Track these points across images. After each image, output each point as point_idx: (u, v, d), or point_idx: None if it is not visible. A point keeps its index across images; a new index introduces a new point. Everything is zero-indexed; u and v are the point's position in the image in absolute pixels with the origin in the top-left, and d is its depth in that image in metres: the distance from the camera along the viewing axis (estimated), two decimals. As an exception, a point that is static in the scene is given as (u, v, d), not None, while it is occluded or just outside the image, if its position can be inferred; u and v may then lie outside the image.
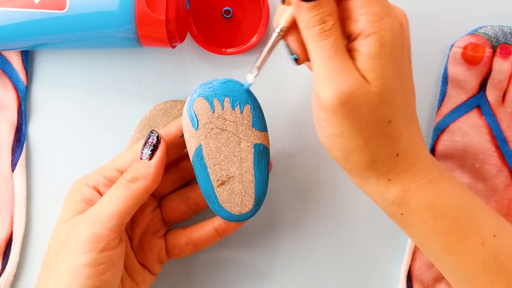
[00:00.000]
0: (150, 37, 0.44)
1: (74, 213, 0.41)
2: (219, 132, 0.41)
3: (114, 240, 0.39)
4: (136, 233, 0.44)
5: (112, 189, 0.40)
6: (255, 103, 0.41)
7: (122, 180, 0.40)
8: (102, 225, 0.39)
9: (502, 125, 0.47)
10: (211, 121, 0.40)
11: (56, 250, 0.40)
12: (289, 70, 0.49)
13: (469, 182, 0.48)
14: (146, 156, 0.40)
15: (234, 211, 0.41)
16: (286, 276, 0.50)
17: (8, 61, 0.49)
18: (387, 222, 0.49)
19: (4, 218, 0.49)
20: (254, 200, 0.41)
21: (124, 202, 0.39)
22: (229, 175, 0.41)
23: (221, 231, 0.45)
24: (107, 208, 0.39)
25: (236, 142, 0.41)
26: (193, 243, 0.45)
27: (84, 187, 0.42)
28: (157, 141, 0.41)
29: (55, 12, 0.43)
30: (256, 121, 0.41)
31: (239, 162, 0.41)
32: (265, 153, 0.41)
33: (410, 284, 0.48)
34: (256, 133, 0.41)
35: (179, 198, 0.45)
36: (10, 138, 0.49)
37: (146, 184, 0.40)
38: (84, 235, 0.39)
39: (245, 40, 0.48)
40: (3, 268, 0.49)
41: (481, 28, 0.47)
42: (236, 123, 0.41)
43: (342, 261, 0.50)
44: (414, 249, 0.48)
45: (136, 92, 0.49)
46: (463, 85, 0.47)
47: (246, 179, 0.41)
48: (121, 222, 0.39)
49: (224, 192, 0.41)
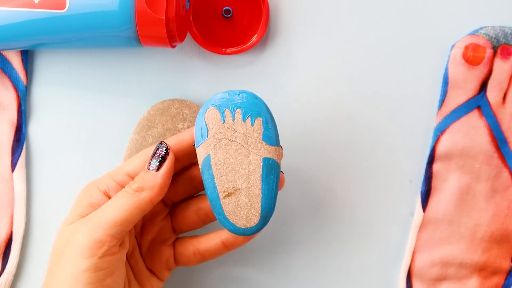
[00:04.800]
0: (150, 37, 0.44)
1: (78, 216, 0.41)
2: (228, 143, 0.40)
3: (114, 246, 0.39)
4: (145, 240, 0.44)
5: (117, 196, 0.40)
6: (268, 116, 0.40)
7: (128, 188, 0.40)
8: (103, 231, 0.39)
9: (502, 126, 0.47)
10: (221, 132, 0.40)
11: (58, 254, 0.40)
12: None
13: (469, 183, 0.47)
14: (153, 167, 0.40)
15: (239, 224, 0.41)
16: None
17: (8, 61, 0.49)
18: (388, 222, 0.49)
19: (4, 218, 0.49)
20: (260, 215, 0.40)
21: (128, 211, 0.39)
22: (236, 187, 0.40)
23: (229, 245, 0.44)
24: (110, 215, 0.39)
25: (244, 155, 0.40)
26: (200, 254, 0.44)
27: (95, 191, 0.42)
28: (165, 153, 0.41)
29: (55, 12, 0.43)
30: (267, 134, 0.40)
31: (246, 174, 0.40)
32: (275, 168, 0.40)
33: (409, 284, 0.48)
34: (266, 147, 0.40)
35: (190, 208, 0.45)
36: (10, 138, 0.49)
37: (151, 195, 0.40)
38: (85, 240, 0.39)
39: (245, 40, 0.48)
40: (3, 268, 0.49)
41: (482, 29, 0.47)
42: (246, 135, 0.40)
43: (342, 260, 0.50)
44: (414, 249, 0.48)
45: (136, 92, 0.49)
46: (464, 85, 0.47)
47: (253, 193, 0.40)
48: (123, 230, 0.39)
49: (230, 204, 0.40)
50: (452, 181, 0.48)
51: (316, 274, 0.50)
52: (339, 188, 0.49)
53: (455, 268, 0.48)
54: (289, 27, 0.49)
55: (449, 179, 0.48)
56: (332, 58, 0.49)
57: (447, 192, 0.48)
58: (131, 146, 0.47)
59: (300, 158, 0.49)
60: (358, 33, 0.49)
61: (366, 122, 0.49)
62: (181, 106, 0.47)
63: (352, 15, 0.49)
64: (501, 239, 0.48)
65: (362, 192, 0.49)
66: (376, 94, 0.49)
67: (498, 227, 0.47)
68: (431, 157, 0.48)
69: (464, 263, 0.48)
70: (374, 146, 0.49)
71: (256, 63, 0.49)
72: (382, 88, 0.49)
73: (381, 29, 0.49)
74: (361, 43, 0.49)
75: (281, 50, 0.49)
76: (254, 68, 0.49)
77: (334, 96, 0.49)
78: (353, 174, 0.49)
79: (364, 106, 0.49)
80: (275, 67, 0.49)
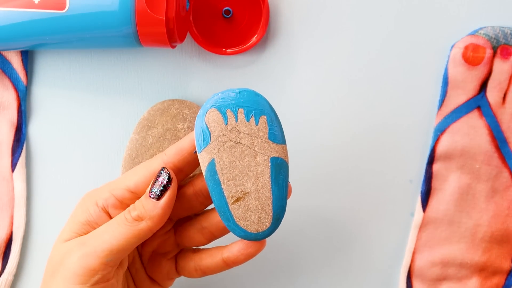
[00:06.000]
0: (150, 37, 0.44)
1: (74, 234, 0.40)
2: (233, 146, 0.38)
3: (109, 273, 0.38)
4: (146, 251, 0.43)
5: (115, 223, 0.39)
6: (271, 113, 0.38)
7: (128, 216, 0.39)
8: (98, 259, 0.37)
9: (502, 126, 0.47)
10: (224, 134, 0.38)
11: (52, 270, 0.39)
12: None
13: (469, 183, 0.47)
14: (154, 196, 0.38)
15: (250, 229, 0.39)
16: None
17: (8, 61, 0.49)
18: (388, 222, 0.49)
19: (4, 218, 0.49)
20: (272, 217, 0.38)
21: (125, 240, 0.38)
22: (245, 191, 0.38)
23: (230, 263, 0.42)
24: (106, 243, 0.38)
25: (251, 156, 0.38)
26: (201, 270, 0.43)
27: (92, 207, 0.40)
28: (167, 182, 0.39)
29: (55, 12, 0.43)
30: (272, 133, 0.38)
31: (255, 177, 0.38)
32: (283, 167, 0.38)
33: (410, 284, 0.48)
34: (273, 146, 0.38)
35: (195, 226, 0.43)
36: (10, 138, 0.49)
37: (150, 226, 0.38)
38: (78, 266, 0.37)
39: (245, 40, 0.48)
40: (3, 268, 0.49)
41: (482, 29, 0.47)
42: (251, 135, 0.38)
43: (342, 260, 0.50)
44: (414, 249, 0.48)
45: (136, 92, 0.49)
46: (464, 86, 0.47)
47: (263, 195, 0.38)
48: (118, 258, 0.38)
49: (240, 209, 0.38)
50: (452, 181, 0.48)
51: (316, 274, 0.50)
52: (339, 188, 0.49)
53: (455, 268, 0.48)
54: (289, 27, 0.49)
55: (449, 179, 0.48)
56: (332, 58, 0.49)
57: (447, 192, 0.48)
58: (131, 146, 0.47)
59: (299, 158, 0.49)
60: (358, 33, 0.49)
61: (366, 122, 0.49)
62: (181, 106, 0.47)
63: (352, 15, 0.49)
64: (502, 239, 0.48)
65: (362, 192, 0.49)
66: (375, 94, 0.49)
67: (498, 227, 0.47)
68: (431, 157, 0.48)
69: (464, 263, 0.48)
70: (374, 146, 0.49)
71: (256, 63, 0.49)
72: (382, 88, 0.49)
73: (381, 30, 0.49)
74: (361, 43, 0.49)
75: (281, 50, 0.49)
76: (254, 68, 0.49)
77: (334, 96, 0.49)
78: (353, 174, 0.49)
79: (363, 106, 0.49)
80: (275, 67, 0.49)
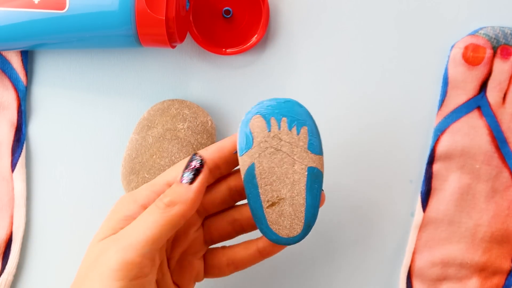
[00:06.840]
0: (150, 37, 0.44)
1: (111, 230, 0.39)
2: (274, 152, 0.39)
3: (146, 267, 0.37)
4: (176, 253, 0.42)
5: (147, 212, 0.38)
6: (312, 125, 0.40)
7: (159, 203, 0.38)
8: (134, 252, 0.36)
9: (502, 126, 0.47)
10: (266, 140, 0.39)
11: (86, 270, 0.38)
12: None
13: (469, 183, 0.47)
14: (187, 180, 0.38)
15: (282, 233, 0.40)
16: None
17: (8, 61, 0.49)
18: (388, 222, 0.49)
19: (3, 218, 0.49)
20: (304, 224, 0.40)
21: (159, 228, 0.37)
22: (280, 196, 0.40)
23: (265, 254, 0.42)
24: (141, 233, 0.37)
25: (290, 164, 0.39)
26: (234, 264, 0.43)
27: (131, 205, 0.39)
28: (200, 165, 0.39)
29: (55, 12, 0.43)
30: (312, 143, 0.39)
31: (291, 184, 0.40)
32: (319, 177, 0.40)
33: (410, 284, 0.48)
34: (311, 156, 0.39)
35: (225, 219, 0.43)
36: (10, 138, 0.49)
37: (184, 209, 0.38)
38: (115, 261, 0.36)
39: (245, 40, 0.48)
40: (2, 269, 0.49)
41: (482, 29, 0.47)
42: (292, 144, 0.39)
43: (342, 260, 0.50)
44: (414, 249, 0.48)
45: (136, 92, 0.49)
46: (464, 86, 0.47)
47: (297, 202, 0.40)
48: (154, 248, 0.37)
49: (273, 214, 0.40)
50: (452, 181, 0.48)
51: (316, 274, 0.50)
52: (339, 188, 0.49)
53: (456, 268, 0.48)
54: (289, 27, 0.49)
55: (449, 179, 0.48)
56: (332, 58, 0.49)
57: (447, 192, 0.48)
58: (131, 146, 0.47)
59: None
60: (358, 33, 0.49)
61: (366, 122, 0.49)
62: (181, 106, 0.47)
63: (352, 15, 0.49)
64: (502, 239, 0.48)
65: (362, 192, 0.49)
66: (375, 94, 0.49)
67: (498, 227, 0.47)
68: (431, 157, 0.48)
69: (465, 263, 0.48)
70: (374, 146, 0.49)
71: (256, 63, 0.49)
72: (382, 88, 0.49)
73: (381, 30, 0.49)
74: (361, 43, 0.49)
75: (281, 50, 0.49)
76: (254, 68, 0.49)
77: (334, 96, 0.49)
78: (353, 174, 0.49)
79: (363, 106, 0.49)
80: (275, 67, 0.49)
